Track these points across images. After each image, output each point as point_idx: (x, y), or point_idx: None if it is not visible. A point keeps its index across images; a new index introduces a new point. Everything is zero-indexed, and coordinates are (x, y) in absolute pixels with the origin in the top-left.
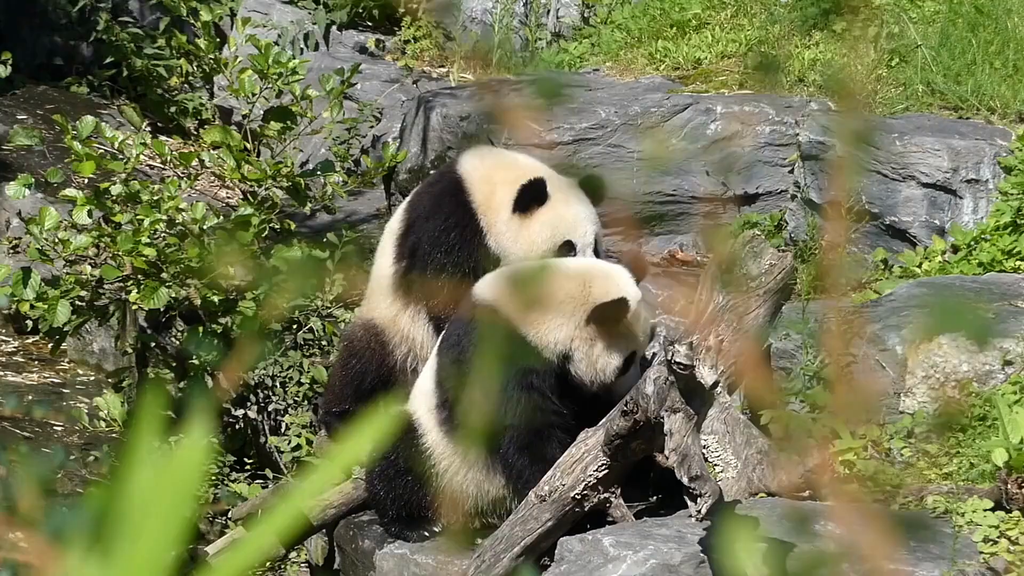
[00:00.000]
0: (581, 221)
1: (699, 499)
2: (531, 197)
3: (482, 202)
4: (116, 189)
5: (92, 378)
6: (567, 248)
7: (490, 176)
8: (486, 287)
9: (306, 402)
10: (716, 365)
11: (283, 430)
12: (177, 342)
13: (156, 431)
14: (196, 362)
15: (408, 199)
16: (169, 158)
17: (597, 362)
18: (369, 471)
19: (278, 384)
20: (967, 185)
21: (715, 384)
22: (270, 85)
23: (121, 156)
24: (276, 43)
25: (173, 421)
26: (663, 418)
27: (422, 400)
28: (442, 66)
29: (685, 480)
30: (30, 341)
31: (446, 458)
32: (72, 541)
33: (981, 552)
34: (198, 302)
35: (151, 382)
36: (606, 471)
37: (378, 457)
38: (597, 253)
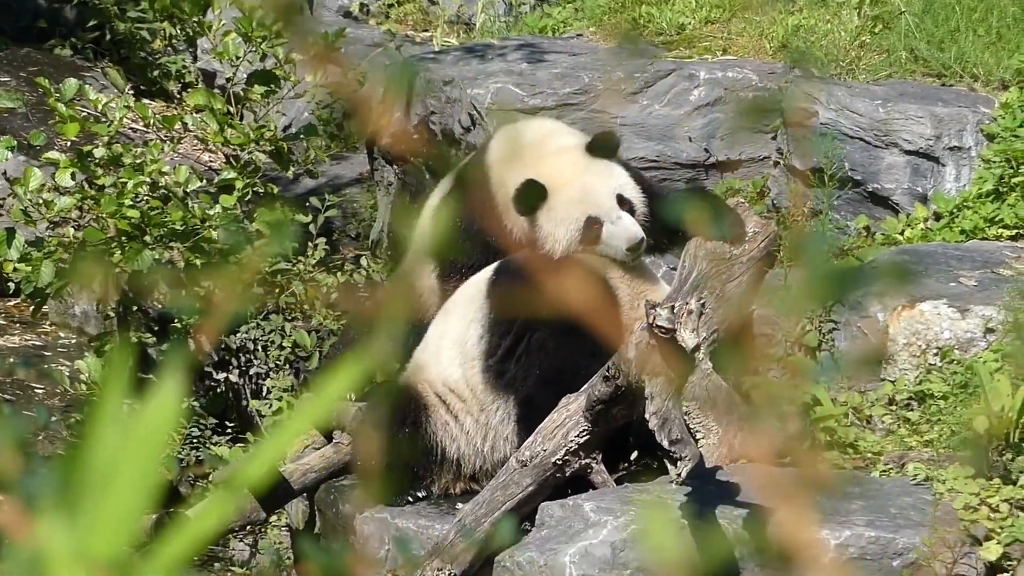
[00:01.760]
0: (592, 194)
1: (679, 463)
2: (527, 202)
3: (502, 203)
4: (99, 152)
5: (74, 341)
6: (593, 223)
7: (503, 178)
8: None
9: (287, 366)
10: (698, 329)
11: (264, 394)
12: (159, 305)
13: (123, 391)
14: (178, 325)
15: (466, 161)
16: (152, 121)
17: None
18: (361, 433)
19: (260, 348)
20: (950, 152)
21: (696, 348)
22: (254, 48)
23: (104, 119)
24: (259, 6)
25: (152, 383)
26: (644, 382)
27: (453, 356)
28: (425, 30)
29: (665, 443)
30: (11, 304)
31: (473, 413)
32: (43, 504)
33: (962, 519)
34: (182, 265)
35: (126, 343)
36: (587, 436)
37: (376, 420)
38: (632, 211)
